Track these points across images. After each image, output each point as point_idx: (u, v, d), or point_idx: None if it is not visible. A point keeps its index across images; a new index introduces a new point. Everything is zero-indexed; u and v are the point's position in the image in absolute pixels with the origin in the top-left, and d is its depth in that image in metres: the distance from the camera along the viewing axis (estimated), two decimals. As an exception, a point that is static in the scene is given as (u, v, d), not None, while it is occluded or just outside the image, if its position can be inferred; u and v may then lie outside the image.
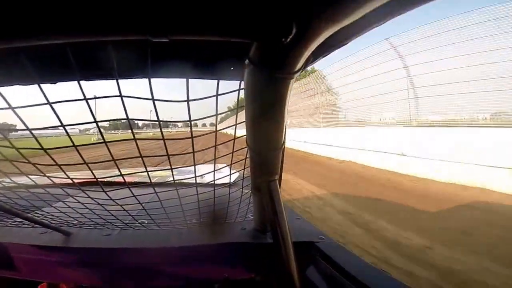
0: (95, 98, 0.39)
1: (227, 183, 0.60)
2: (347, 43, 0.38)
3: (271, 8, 0.24)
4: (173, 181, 0.52)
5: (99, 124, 0.41)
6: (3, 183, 0.55)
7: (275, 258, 0.55)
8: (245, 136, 0.47)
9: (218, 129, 0.48)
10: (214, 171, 0.54)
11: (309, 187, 4.96)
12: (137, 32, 0.24)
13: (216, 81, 0.40)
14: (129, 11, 0.22)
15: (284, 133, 0.46)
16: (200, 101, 0.39)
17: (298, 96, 11.41)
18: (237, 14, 0.24)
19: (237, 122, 0.48)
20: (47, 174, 0.48)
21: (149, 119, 0.44)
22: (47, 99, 0.33)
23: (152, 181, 0.52)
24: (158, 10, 0.22)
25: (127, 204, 0.57)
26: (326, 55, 0.41)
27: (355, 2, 0.23)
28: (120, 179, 0.50)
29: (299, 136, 11.39)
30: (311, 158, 9.06)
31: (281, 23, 0.25)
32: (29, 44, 0.24)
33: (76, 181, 0.50)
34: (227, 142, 0.50)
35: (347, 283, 0.53)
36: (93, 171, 0.48)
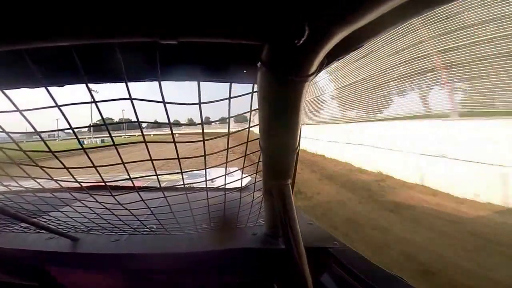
0: (103, 101, 0.38)
1: (238, 187, 0.59)
2: (362, 45, 0.37)
3: (283, 9, 0.23)
4: (183, 185, 0.51)
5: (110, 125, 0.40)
6: (10, 187, 0.54)
7: (288, 264, 0.53)
8: (258, 139, 0.46)
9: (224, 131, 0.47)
10: (226, 175, 0.53)
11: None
12: (145, 34, 0.24)
13: (228, 84, 0.39)
14: (138, 13, 0.22)
15: (299, 136, 0.45)
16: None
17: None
18: (248, 15, 0.24)
19: (250, 125, 0.47)
20: (55, 178, 0.47)
21: (159, 121, 0.43)
22: (55, 102, 0.33)
23: (162, 185, 0.51)
24: (166, 12, 0.22)
25: (136, 209, 0.56)
26: (341, 58, 0.40)
27: (370, 3, 0.22)
28: (128, 183, 0.49)
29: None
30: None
31: (294, 25, 0.24)
32: (36, 46, 0.24)
33: (84, 185, 0.49)
34: (239, 145, 0.49)
35: None
36: (101, 175, 0.47)
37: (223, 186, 0.55)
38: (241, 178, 0.56)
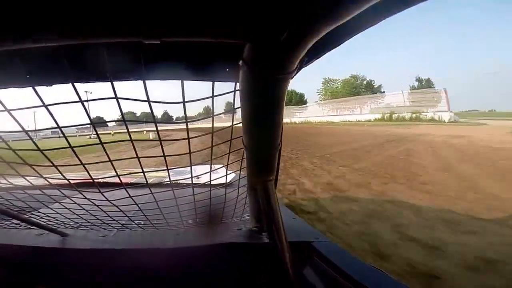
0: (90, 100, 0.39)
1: (223, 184, 0.60)
2: (342, 43, 0.38)
3: (263, 8, 0.24)
4: (169, 182, 0.52)
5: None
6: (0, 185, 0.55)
7: (272, 258, 0.55)
8: (241, 137, 0.47)
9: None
10: (211, 171, 0.54)
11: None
12: (129, 34, 0.24)
13: (211, 82, 0.40)
14: (121, 13, 0.22)
15: (280, 133, 0.46)
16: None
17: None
18: (229, 14, 0.24)
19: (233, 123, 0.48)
20: (44, 175, 0.48)
21: (146, 120, 0.44)
22: (42, 101, 0.34)
23: (149, 181, 0.52)
24: (150, 12, 0.22)
25: (124, 205, 0.57)
26: (322, 56, 0.40)
27: (349, 2, 0.23)
28: (116, 180, 0.50)
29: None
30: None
31: (273, 24, 0.25)
32: (21, 46, 0.24)
33: (72, 182, 0.50)
34: (223, 142, 0.50)
35: (344, 283, 0.53)
36: (89, 172, 0.48)
37: (209, 183, 0.56)
38: (226, 175, 0.58)
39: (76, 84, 0.35)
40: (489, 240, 2.14)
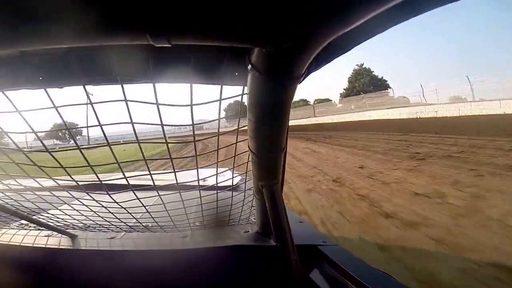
0: (99, 102, 0.39)
1: (230, 186, 0.60)
2: (350, 49, 0.38)
3: (272, 13, 0.24)
4: (176, 184, 0.52)
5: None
6: (9, 186, 0.56)
7: (279, 261, 0.55)
8: (247, 140, 0.47)
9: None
10: (217, 174, 0.54)
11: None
12: (139, 36, 0.24)
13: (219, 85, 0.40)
14: (131, 16, 0.22)
15: (285, 137, 0.46)
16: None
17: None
18: (239, 19, 0.24)
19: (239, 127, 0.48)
20: (53, 177, 0.49)
21: (152, 122, 0.45)
22: (53, 103, 0.34)
23: (155, 184, 0.53)
24: (160, 14, 0.22)
25: (131, 207, 0.58)
26: (331, 61, 0.40)
27: (356, 8, 0.23)
28: (124, 182, 0.50)
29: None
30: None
31: (282, 29, 0.25)
32: (32, 48, 0.25)
33: (80, 183, 0.50)
34: (229, 145, 0.50)
35: (352, 287, 0.52)
36: (98, 174, 0.49)
37: (215, 185, 0.56)
38: (232, 178, 0.58)
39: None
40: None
